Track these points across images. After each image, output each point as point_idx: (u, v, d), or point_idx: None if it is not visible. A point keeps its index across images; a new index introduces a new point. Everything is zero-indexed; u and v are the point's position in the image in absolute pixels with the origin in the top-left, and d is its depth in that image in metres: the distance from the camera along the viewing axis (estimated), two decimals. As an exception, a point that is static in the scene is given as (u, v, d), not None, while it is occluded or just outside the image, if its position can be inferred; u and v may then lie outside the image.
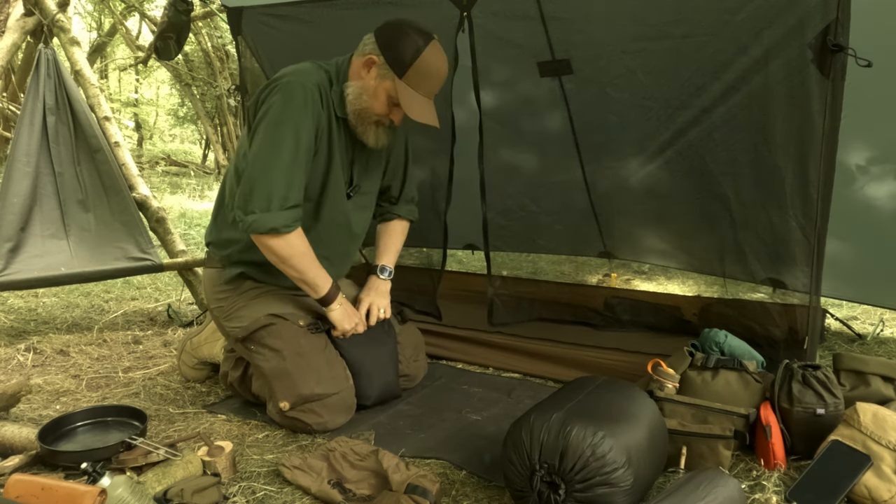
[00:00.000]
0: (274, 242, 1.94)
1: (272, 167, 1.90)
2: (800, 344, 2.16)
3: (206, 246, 2.24)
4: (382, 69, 1.95)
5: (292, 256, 1.98)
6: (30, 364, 2.64)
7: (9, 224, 2.84)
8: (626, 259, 3.54)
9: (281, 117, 1.91)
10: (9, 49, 3.16)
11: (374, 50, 1.96)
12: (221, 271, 2.14)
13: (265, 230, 1.91)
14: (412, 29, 1.95)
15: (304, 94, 1.92)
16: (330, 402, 1.99)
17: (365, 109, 2.00)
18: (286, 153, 1.90)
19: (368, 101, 1.98)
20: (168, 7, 3.09)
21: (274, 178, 1.90)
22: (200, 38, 10.64)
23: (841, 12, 1.91)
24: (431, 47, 1.94)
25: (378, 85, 1.97)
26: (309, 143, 1.95)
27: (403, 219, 2.40)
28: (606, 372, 2.14)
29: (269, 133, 1.91)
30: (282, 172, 1.90)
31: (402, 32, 1.94)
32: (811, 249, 2.13)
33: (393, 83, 1.94)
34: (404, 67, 1.93)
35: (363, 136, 2.05)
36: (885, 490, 1.54)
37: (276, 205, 1.90)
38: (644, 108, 2.62)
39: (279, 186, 1.90)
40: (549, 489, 1.44)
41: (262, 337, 2.05)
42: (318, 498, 1.63)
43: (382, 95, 1.97)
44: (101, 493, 1.42)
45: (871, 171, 2.56)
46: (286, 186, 1.91)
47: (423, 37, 1.94)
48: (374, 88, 1.97)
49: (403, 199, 2.39)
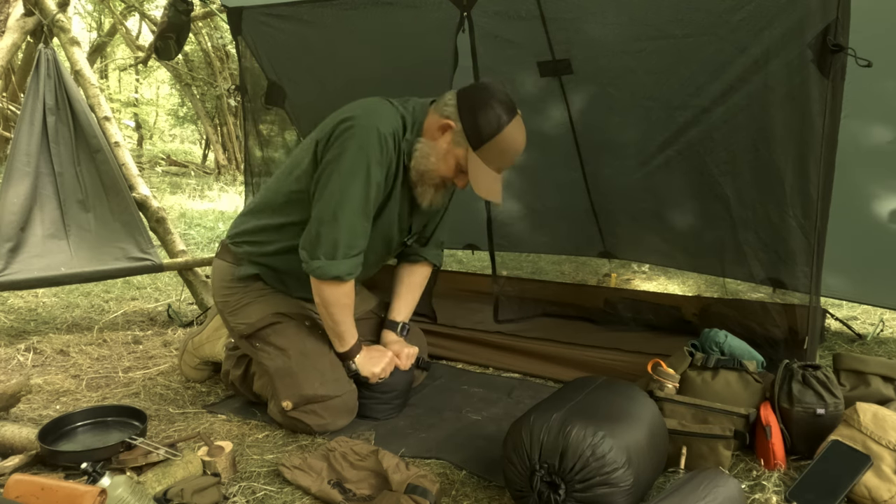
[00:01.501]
0: (332, 289, 1.93)
1: (342, 216, 1.86)
2: (800, 344, 2.15)
3: (228, 238, 2.18)
4: (458, 136, 1.87)
5: (340, 305, 1.97)
6: (30, 364, 2.64)
7: (9, 224, 2.84)
8: (626, 259, 3.54)
9: (354, 165, 1.84)
10: (9, 49, 3.16)
11: (453, 114, 1.88)
12: (235, 267, 2.12)
13: (329, 277, 1.90)
14: (497, 101, 1.85)
15: (379, 142, 1.85)
16: (332, 405, 1.99)
17: (430, 171, 1.93)
18: (357, 202, 1.86)
19: (436, 163, 1.91)
20: (168, 7, 3.09)
21: (343, 226, 1.87)
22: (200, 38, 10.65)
23: (841, 12, 1.91)
24: (514, 124, 1.86)
25: (449, 150, 1.90)
26: (378, 192, 1.91)
27: (429, 263, 2.31)
28: (606, 372, 2.14)
29: (341, 180, 1.85)
30: (350, 221, 1.87)
31: (486, 103, 1.84)
32: (811, 249, 2.13)
33: (466, 152, 1.87)
34: (481, 141, 1.85)
35: (420, 197, 1.99)
36: (885, 490, 1.54)
37: (341, 253, 1.89)
38: (644, 107, 2.62)
39: (346, 235, 1.88)
40: (549, 489, 1.44)
41: (268, 335, 2.05)
42: (318, 498, 1.63)
43: (452, 161, 1.91)
44: (101, 493, 1.42)
45: (871, 171, 2.56)
46: (353, 235, 1.89)
47: (508, 111, 1.85)
48: (444, 152, 1.90)
49: (434, 242, 2.29)
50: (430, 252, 2.29)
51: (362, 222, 1.90)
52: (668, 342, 2.48)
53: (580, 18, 2.52)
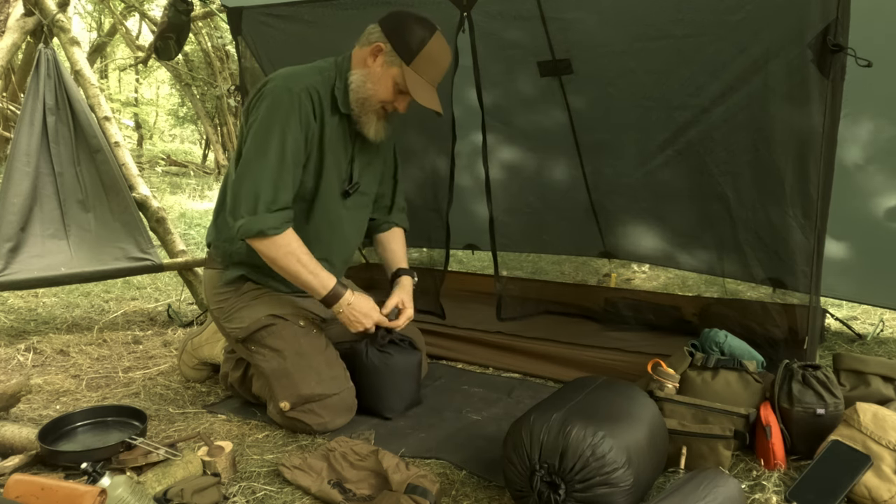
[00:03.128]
0: (262, 245, 1.94)
1: (258, 172, 1.91)
2: (800, 344, 2.15)
3: (207, 247, 2.24)
4: (390, 56, 1.96)
5: (279, 258, 1.96)
6: (30, 364, 2.64)
7: (9, 224, 2.84)
8: (626, 259, 3.54)
9: (266, 123, 1.92)
10: (9, 49, 3.16)
11: (380, 38, 1.97)
12: (222, 272, 2.14)
13: (253, 233, 1.91)
14: (415, 19, 1.98)
15: (290, 99, 1.93)
16: (330, 403, 1.99)
17: (369, 98, 2.00)
18: (272, 157, 1.91)
19: (373, 87, 1.99)
20: (168, 7, 3.09)
21: (260, 182, 1.91)
22: (200, 38, 10.64)
23: (841, 12, 1.90)
24: (437, 37, 1.98)
25: (384, 72, 1.97)
26: (296, 146, 1.95)
27: (399, 226, 2.39)
28: (606, 372, 2.14)
29: (255, 139, 1.93)
30: (268, 176, 1.91)
31: (408, 21, 1.97)
32: (811, 249, 2.13)
33: (400, 69, 1.96)
34: (412, 54, 1.95)
35: (364, 128, 2.05)
36: (885, 490, 1.54)
37: (262, 208, 1.90)
38: (644, 107, 2.62)
39: (266, 190, 1.90)
40: (549, 489, 1.44)
41: (263, 337, 2.05)
42: (318, 498, 1.63)
43: (388, 82, 1.98)
44: (101, 493, 1.42)
45: (871, 171, 2.56)
46: (273, 190, 1.91)
47: (428, 26, 1.97)
48: (379, 75, 1.98)
49: (396, 207, 2.37)
50: (397, 217, 2.37)
51: (282, 175, 1.93)
52: (668, 342, 2.48)
53: (580, 18, 2.52)
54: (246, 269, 2.11)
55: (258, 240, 1.93)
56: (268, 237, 1.92)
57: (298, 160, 1.97)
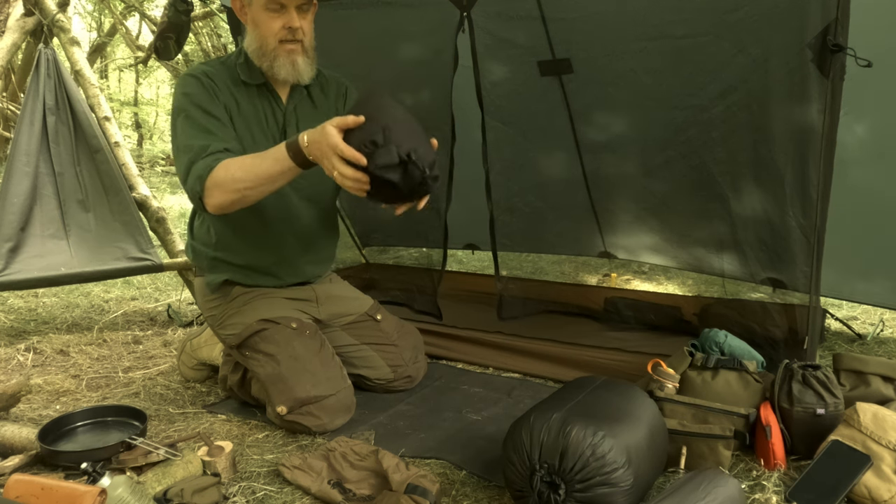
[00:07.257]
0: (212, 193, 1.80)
1: (183, 140, 1.90)
2: (800, 344, 2.15)
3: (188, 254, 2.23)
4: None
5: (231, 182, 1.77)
6: (30, 364, 2.64)
7: (9, 224, 2.84)
8: (626, 259, 3.54)
9: (176, 104, 1.95)
10: (9, 49, 3.16)
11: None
12: (206, 278, 2.14)
13: (198, 188, 1.81)
14: None
15: (192, 79, 1.96)
16: (327, 404, 1.99)
17: (263, 42, 1.98)
18: (191, 123, 1.91)
19: (259, 31, 1.98)
20: (168, 7, 3.09)
21: (188, 146, 1.88)
22: (200, 38, 10.63)
23: (841, 12, 1.90)
24: None
25: (256, 15, 1.97)
26: (210, 107, 1.94)
27: None
28: (606, 372, 2.14)
29: (173, 121, 1.94)
30: (192, 138, 1.88)
31: None
32: (811, 249, 2.13)
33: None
34: None
35: (279, 72, 1.99)
36: (885, 490, 1.54)
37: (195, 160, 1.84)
38: (644, 107, 2.62)
39: (194, 149, 1.86)
40: (549, 489, 1.44)
41: (256, 343, 2.05)
42: (318, 498, 1.63)
43: (262, 14, 1.96)
44: (101, 493, 1.42)
45: (871, 171, 2.56)
46: (200, 142, 1.86)
47: None
48: (254, 20, 1.98)
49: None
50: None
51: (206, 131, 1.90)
52: (668, 342, 2.48)
53: (580, 18, 2.52)
54: (228, 272, 2.10)
55: (206, 193, 1.81)
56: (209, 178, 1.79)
57: (220, 115, 1.95)
